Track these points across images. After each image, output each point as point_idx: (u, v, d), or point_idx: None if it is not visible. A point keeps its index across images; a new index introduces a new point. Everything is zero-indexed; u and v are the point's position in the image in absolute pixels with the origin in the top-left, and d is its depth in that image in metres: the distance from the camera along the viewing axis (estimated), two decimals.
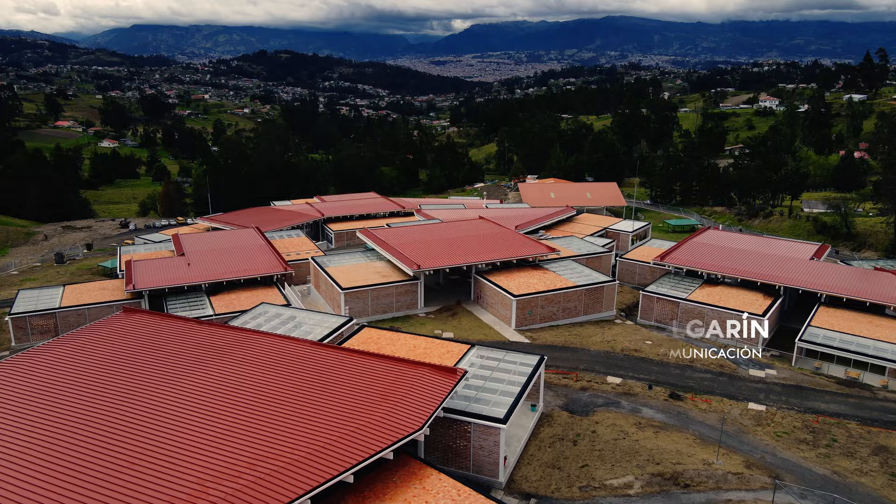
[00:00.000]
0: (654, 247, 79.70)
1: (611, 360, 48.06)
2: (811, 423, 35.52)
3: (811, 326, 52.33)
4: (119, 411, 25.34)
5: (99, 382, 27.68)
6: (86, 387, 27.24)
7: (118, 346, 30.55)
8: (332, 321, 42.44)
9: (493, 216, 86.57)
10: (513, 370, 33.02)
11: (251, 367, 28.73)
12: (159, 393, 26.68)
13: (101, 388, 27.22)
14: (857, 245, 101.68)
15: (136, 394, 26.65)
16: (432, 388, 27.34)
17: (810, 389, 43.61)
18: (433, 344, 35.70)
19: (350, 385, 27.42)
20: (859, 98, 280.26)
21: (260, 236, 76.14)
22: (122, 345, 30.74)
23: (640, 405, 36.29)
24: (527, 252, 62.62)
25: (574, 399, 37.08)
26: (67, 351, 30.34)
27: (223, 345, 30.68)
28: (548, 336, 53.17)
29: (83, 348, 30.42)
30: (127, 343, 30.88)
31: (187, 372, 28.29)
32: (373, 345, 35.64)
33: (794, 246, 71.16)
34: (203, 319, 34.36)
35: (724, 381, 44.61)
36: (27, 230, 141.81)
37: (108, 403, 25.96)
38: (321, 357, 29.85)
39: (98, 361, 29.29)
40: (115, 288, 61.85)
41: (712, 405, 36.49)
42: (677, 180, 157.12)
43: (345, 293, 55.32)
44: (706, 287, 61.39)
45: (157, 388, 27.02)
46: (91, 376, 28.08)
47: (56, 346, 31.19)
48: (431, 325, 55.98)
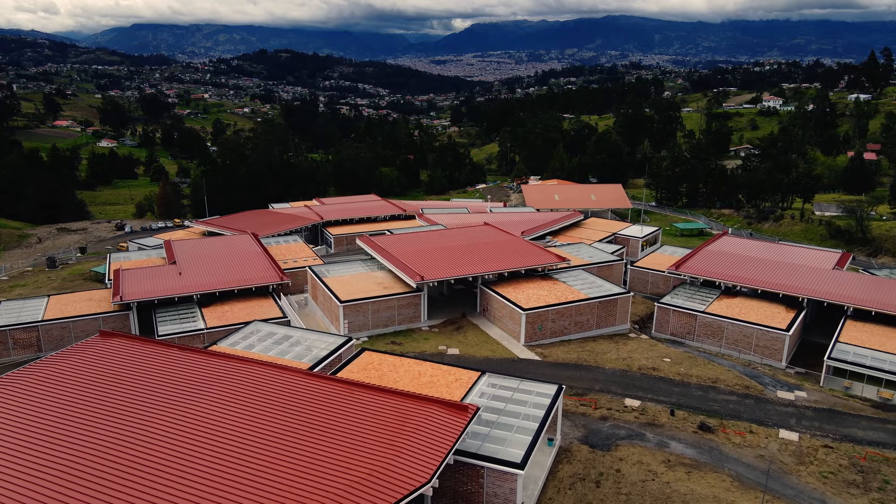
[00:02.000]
0: (667, 254, 76.60)
1: (628, 379, 44.93)
2: (858, 461, 32.37)
3: (839, 343, 49.22)
4: (77, 458, 22.19)
5: (58, 424, 24.47)
6: (42, 431, 24.05)
7: (87, 380, 27.29)
8: (329, 342, 39.30)
9: (498, 221, 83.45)
10: (529, 402, 29.88)
11: (233, 406, 25.50)
12: (126, 441, 23.35)
13: (61, 431, 24.05)
14: (874, 250, 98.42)
15: (99, 439, 23.42)
16: (441, 430, 24.19)
17: (844, 414, 40.51)
18: (440, 371, 32.57)
19: (347, 426, 24.25)
20: (864, 98, 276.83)
21: (255, 243, 73.04)
22: (92, 378, 27.49)
23: (667, 438, 33.15)
24: (536, 262, 59.46)
25: (594, 430, 33.93)
26: (28, 386, 27.05)
27: (205, 377, 27.50)
28: (559, 353, 50.03)
29: (46, 382, 27.15)
30: (97, 375, 27.63)
31: (160, 412, 25.04)
32: (374, 371, 32.51)
33: (815, 254, 67.97)
34: (185, 346, 31.15)
35: (750, 404, 41.49)
36: (21, 232, 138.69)
37: (66, 449, 22.83)
38: (315, 390, 26.68)
39: (61, 398, 25.99)
40: (103, 299, 58.69)
41: (746, 438, 33.33)
42: (683, 182, 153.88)
43: (344, 306, 52.19)
44: (724, 298, 58.26)
45: (124, 435, 23.65)
46: (50, 417, 24.78)
47: (16, 378, 27.87)
48: (435, 339, 52.86)
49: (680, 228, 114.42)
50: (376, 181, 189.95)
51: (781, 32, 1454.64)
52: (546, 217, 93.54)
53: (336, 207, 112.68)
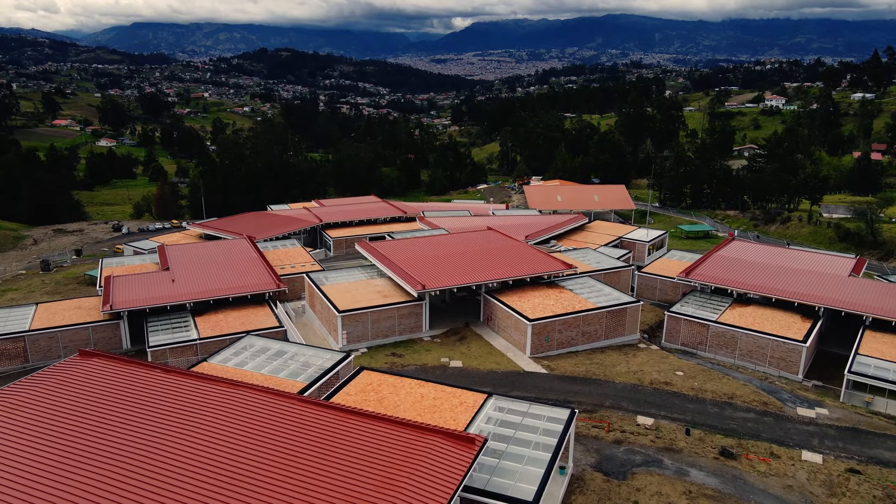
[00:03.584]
0: (675, 259, 74.50)
1: (639, 395, 42.86)
2: (891, 490, 30.32)
3: (860, 355, 47.14)
4: (45, 496, 20.15)
5: (27, 459, 22.41)
6: (10, 464, 22.03)
7: (61, 409, 25.03)
8: (325, 358, 37.22)
9: (501, 225, 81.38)
10: (539, 428, 27.82)
11: (216, 439, 23.29)
12: (98, 477, 21.34)
13: (30, 465, 22.01)
14: (884, 254, 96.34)
15: (71, 475, 21.34)
16: (446, 467, 22.13)
17: (869, 433, 38.44)
18: (443, 393, 30.50)
19: (342, 462, 22.15)
20: (868, 97, 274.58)
21: (252, 248, 70.98)
22: (67, 406, 25.24)
23: (687, 465, 31.09)
24: (542, 269, 57.35)
25: (607, 456, 31.88)
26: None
27: (187, 404, 25.33)
28: (567, 365, 47.97)
29: (15, 412, 24.92)
30: (73, 403, 25.37)
31: (139, 444, 22.94)
32: (373, 394, 30.44)
33: (829, 260, 65.81)
34: (169, 367, 29.03)
35: (770, 422, 39.42)
36: (16, 234, 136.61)
37: (34, 486, 20.79)
38: (308, 419, 24.57)
39: (32, 430, 23.73)
40: (93, 307, 56.59)
41: (772, 466, 31.27)
42: (687, 182, 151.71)
43: (342, 316, 50.12)
44: (737, 307, 56.14)
45: (96, 471, 21.64)
46: (16, 453, 22.68)
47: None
48: (437, 351, 50.80)
49: (685, 231, 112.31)
50: (376, 181, 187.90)
51: (782, 31, 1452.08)
52: (550, 220, 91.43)
53: (335, 209, 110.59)
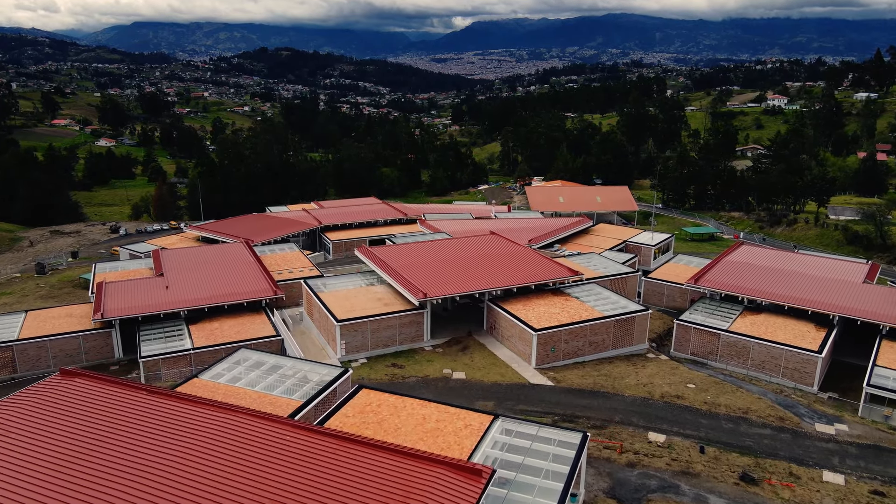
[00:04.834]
0: (682, 263, 72.76)
1: (650, 409, 41.14)
2: None
3: (878, 367, 45.41)
4: None
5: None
6: None
7: (36, 436, 23.34)
8: (322, 374, 35.50)
9: (503, 228, 79.68)
10: (550, 454, 26.08)
11: (205, 468, 21.52)
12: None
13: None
14: (894, 257, 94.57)
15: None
16: (451, 503, 20.42)
17: (892, 451, 36.73)
18: (447, 414, 28.78)
19: (338, 498, 20.41)
20: (871, 97, 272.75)
21: (249, 252, 69.26)
22: (43, 432, 23.51)
23: (706, 491, 29.33)
24: (547, 276, 55.59)
25: (621, 480, 30.16)
26: None
27: (172, 431, 23.53)
28: (573, 377, 46.24)
29: None
30: (49, 429, 23.58)
31: (117, 476, 21.22)
32: (372, 415, 28.73)
33: (842, 265, 64.07)
34: (154, 388, 27.26)
35: (787, 438, 37.71)
36: (13, 235, 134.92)
37: None
38: (301, 448, 22.78)
39: (1, 457, 22.17)
40: (84, 315, 54.91)
41: (796, 492, 29.55)
42: (691, 183, 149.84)
43: (341, 326, 48.40)
44: (748, 315, 54.38)
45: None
46: None
47: None
48: (439, 361, 49.06)
49: (690, 233, 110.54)
50: (376, 181, 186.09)
51: (782, 30, 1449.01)
52: (554, 224, 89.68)
53: (335, 211, 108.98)
